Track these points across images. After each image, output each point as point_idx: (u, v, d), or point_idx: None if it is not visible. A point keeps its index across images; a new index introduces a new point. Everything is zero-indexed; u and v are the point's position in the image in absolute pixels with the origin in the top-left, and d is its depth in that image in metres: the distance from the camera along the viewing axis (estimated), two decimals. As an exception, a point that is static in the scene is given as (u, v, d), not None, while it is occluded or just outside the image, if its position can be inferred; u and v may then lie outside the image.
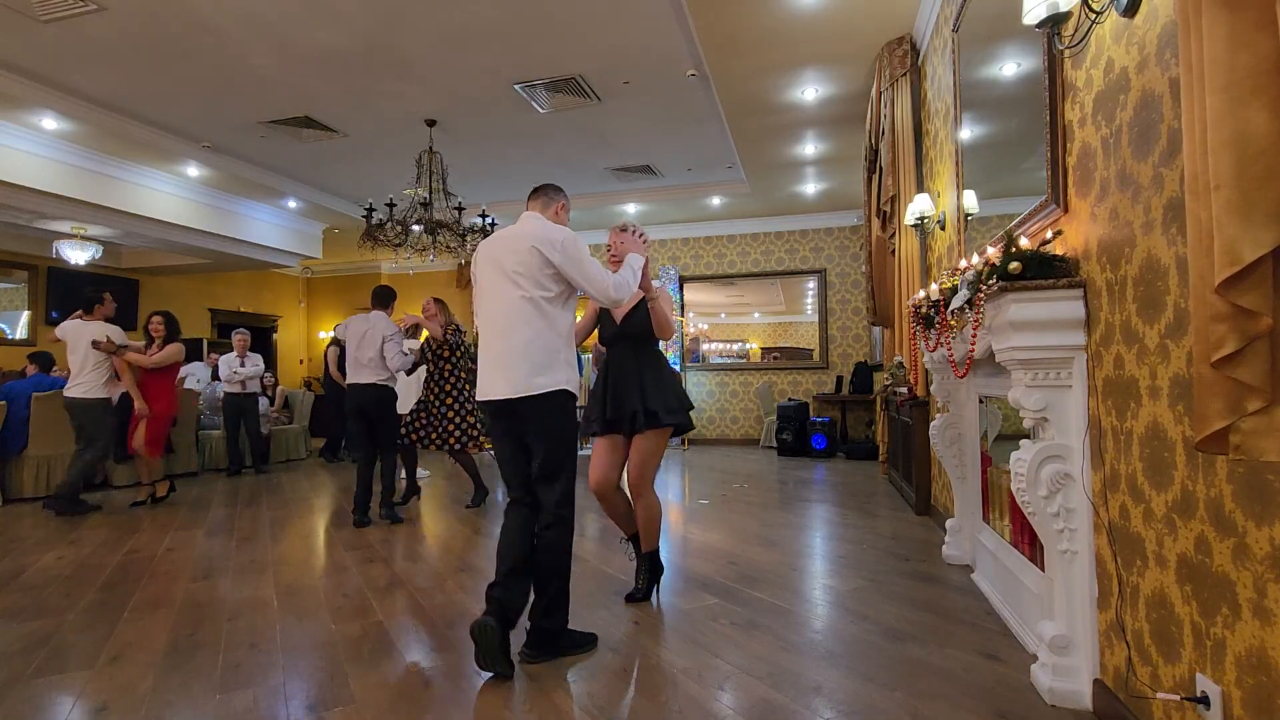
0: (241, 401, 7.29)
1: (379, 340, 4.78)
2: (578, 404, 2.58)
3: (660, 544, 4.16)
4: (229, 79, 5.33)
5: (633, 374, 2.95)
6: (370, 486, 4.84)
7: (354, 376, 4.83)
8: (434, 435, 5.23)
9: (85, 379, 5.26)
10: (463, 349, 5.36)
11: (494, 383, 2.44)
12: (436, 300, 5.37)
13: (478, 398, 2.53)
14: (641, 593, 3.06)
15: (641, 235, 2.83)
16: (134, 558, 3.87)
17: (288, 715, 2.05)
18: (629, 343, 3.02)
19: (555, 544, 2.44)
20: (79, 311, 5.45)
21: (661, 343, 3.09)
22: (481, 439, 5.29)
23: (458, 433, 5.24)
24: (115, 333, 5.38)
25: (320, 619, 2.86)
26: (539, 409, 2.41)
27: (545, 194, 2.69)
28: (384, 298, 5.05)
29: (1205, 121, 1.15)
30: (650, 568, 3.11)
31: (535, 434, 2.44)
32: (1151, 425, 1.69)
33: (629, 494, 3.08)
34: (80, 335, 5.29)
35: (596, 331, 3.18)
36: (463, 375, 5.33)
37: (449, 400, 5.26)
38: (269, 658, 2.47)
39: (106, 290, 5.63)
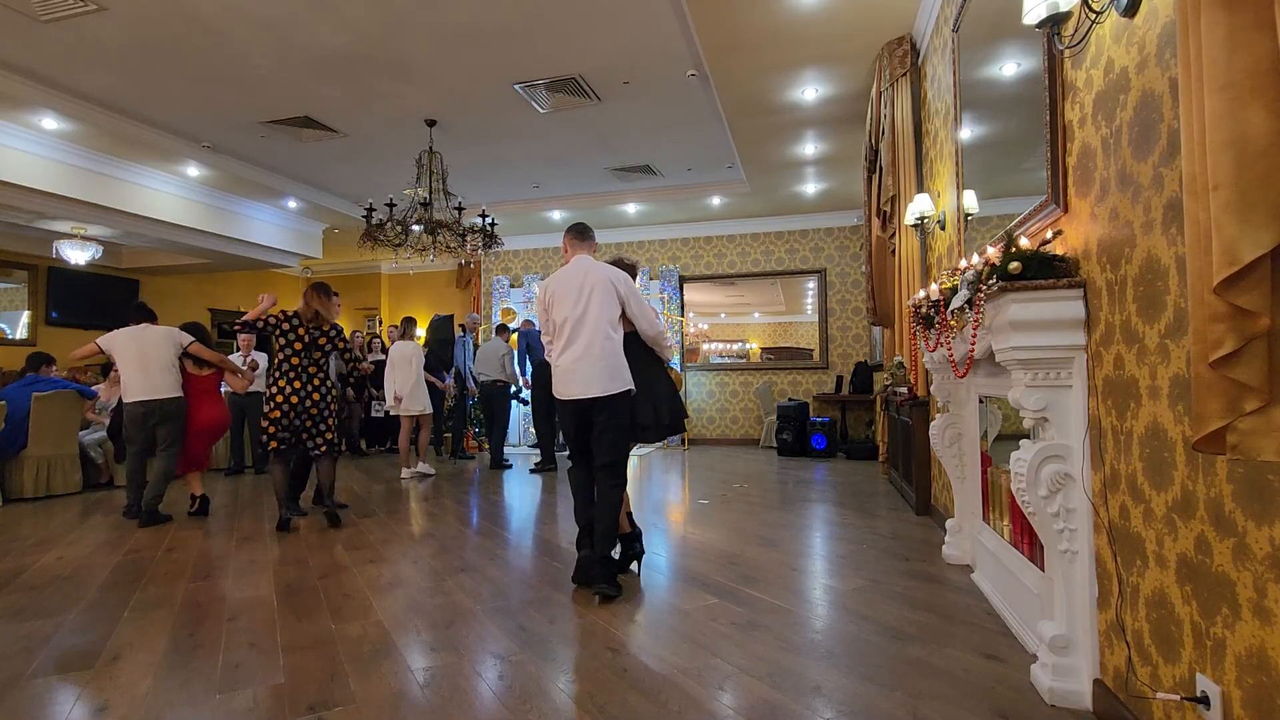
0: (244, 401, 7.27)
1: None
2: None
3: (658, 543, 4.15)
4: (229, 79, 5.33)
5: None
6: (304, 480, 4.88)
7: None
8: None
9: (164, 379, 4.88)
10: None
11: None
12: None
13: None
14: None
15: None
16: (134, 558, 3.88)
17: (288, 715, 2.05)
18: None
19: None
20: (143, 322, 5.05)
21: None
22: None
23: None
24: (180, 339, 5.05)
25: (320, 619, 2.86)
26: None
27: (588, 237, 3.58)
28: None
29: (1204, 122, 1.15)
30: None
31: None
32: (1151, 425, 1.69)
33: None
34: (143, 341, 4.92)
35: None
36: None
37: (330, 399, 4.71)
38: (269, 658, 2.47)
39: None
